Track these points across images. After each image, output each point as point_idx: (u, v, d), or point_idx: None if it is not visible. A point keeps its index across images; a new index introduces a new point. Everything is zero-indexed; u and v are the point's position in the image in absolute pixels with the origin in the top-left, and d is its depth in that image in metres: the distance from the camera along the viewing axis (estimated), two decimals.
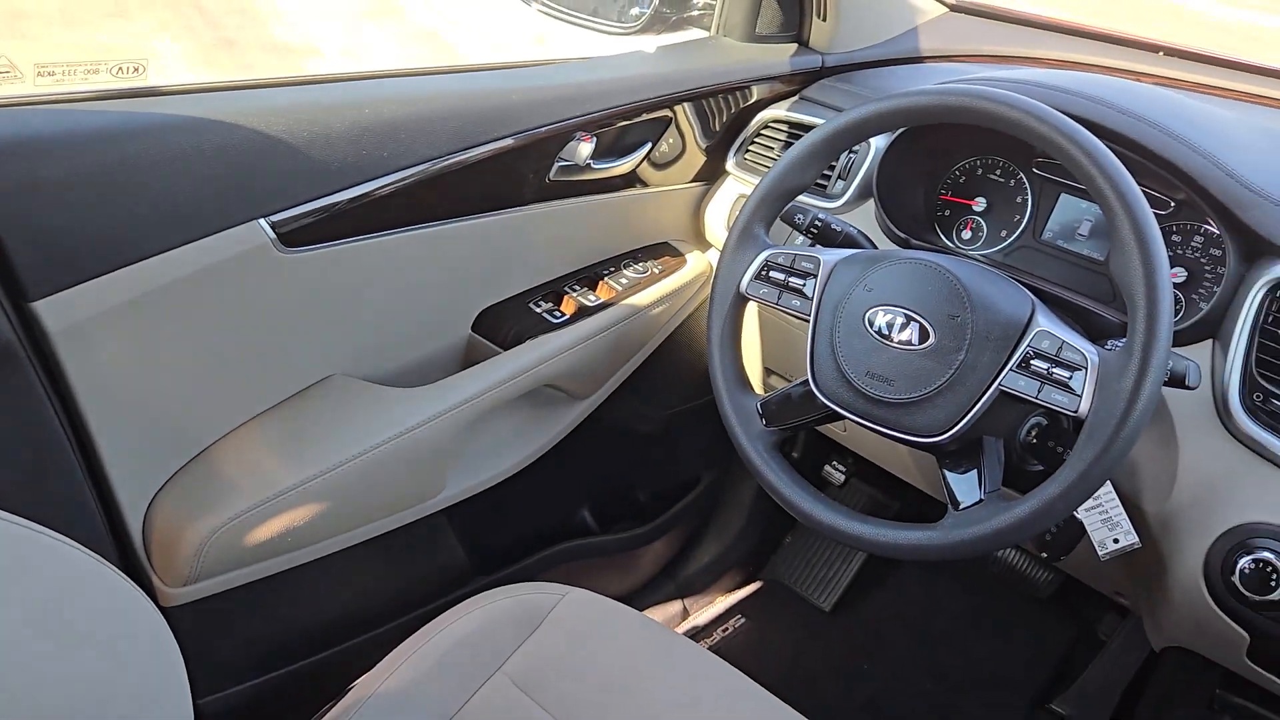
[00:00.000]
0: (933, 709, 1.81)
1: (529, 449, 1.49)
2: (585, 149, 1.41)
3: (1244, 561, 1.00)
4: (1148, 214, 0.91)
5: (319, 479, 1.19)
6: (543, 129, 1.32)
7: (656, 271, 1.54)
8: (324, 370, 1.28)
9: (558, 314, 1.45)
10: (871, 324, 1.04)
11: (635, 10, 1.57)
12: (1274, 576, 0.98)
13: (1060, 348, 0.96)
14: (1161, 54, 1.60)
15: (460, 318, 1.41)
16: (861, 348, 1.04)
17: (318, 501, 1.20)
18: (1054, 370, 0.96)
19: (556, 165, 1.39)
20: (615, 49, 1.51)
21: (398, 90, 1.23)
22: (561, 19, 1.58)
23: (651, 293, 1.51)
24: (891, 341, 1.02)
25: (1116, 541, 1.09)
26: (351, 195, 1.18)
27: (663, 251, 1.59)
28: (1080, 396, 0.93)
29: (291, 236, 1.15)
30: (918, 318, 1.02)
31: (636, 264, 1.55)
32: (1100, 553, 1.10)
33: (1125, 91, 1.22)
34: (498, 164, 1.30)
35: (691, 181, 1.58)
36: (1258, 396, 1.05)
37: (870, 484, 2.00)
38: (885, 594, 2.01)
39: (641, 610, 1.77)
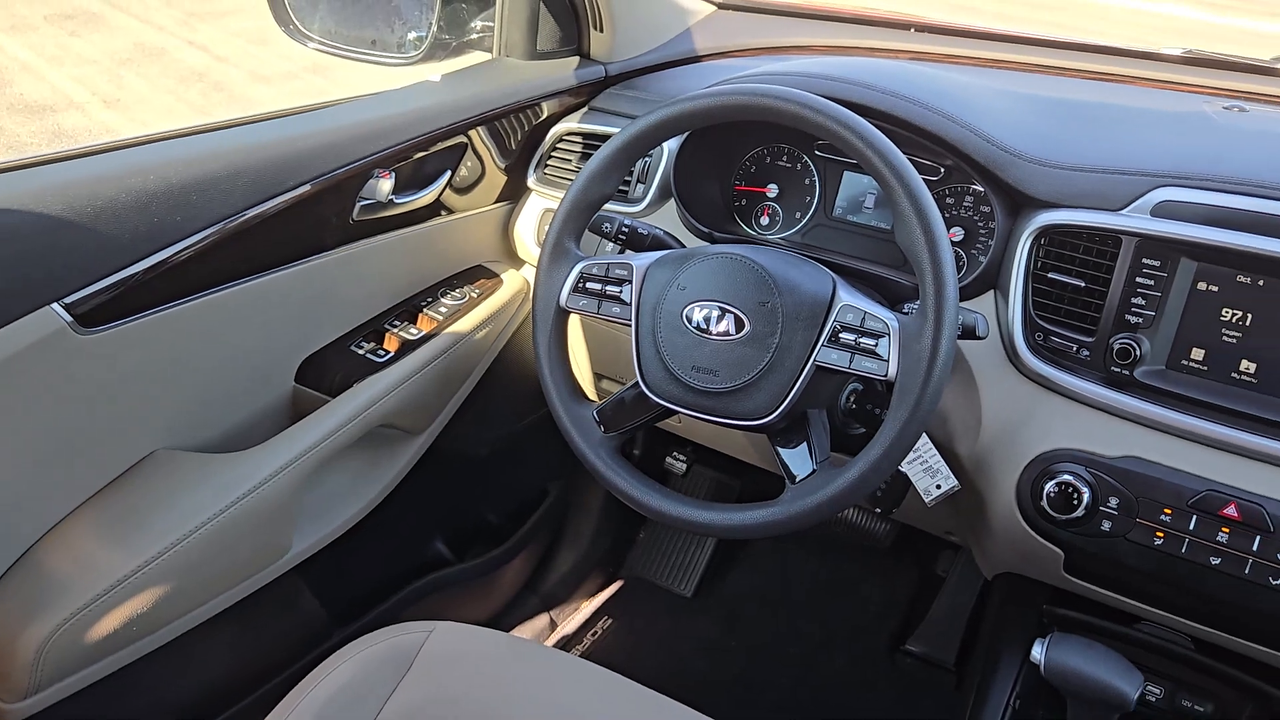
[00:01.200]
0: (799, 671, 1.89)
1: (372, 492, 1.47)
2: (385, 185, 1.40)
3: (1049, 486, 1.11)
4: (921, 186, 0.99)
5: (157, 561, 1.15)
6: (339, 171, 1.31)
7: (474, 296, 1.55)
8: (145, 447, 1.23)
9: (381, 352, 1.43)
10: (690, 320, 1.08)
11: (414, 37, 1.57)
12: (1075, 496, 1.09)
13: (864, 318, 1.03)
14: (913, 30, 1.73)
15: (281, 371, 1.37)
16: (684, 344, 1.08)
17: (159, 584, 1.15)
18: (861, 340, 1.03)
19: (359, 205, 1.38)
20: (400, 79, 1.51)
21: (184, 151, 1.19)
22: (339, 55, 1.56)
23: (473, 317, 1.51)
24: (711, 334, 1.07)
25: (939, 487, 1.18)
26: (147, 265, 1.14)
27: (478, 275, 1.60)
28: (887, 361, 1.01)
29: (90, 316, 1.10)
30: (732, 309, 1.07)
31: (453, 291, 1.55)
32: (926, 499, 1.18)
33: (886, 72, 1.32)
34: (298, 212, 1.28)
35: (496, 203, 1.60)
36: (1039, 336, 1.16)
37: (712, 469, 2.07)
38: (741, 570, 2.09)
39: (509, 630, 1.78)
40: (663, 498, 1.12)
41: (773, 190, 1.44)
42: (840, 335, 1.04)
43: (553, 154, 1.57)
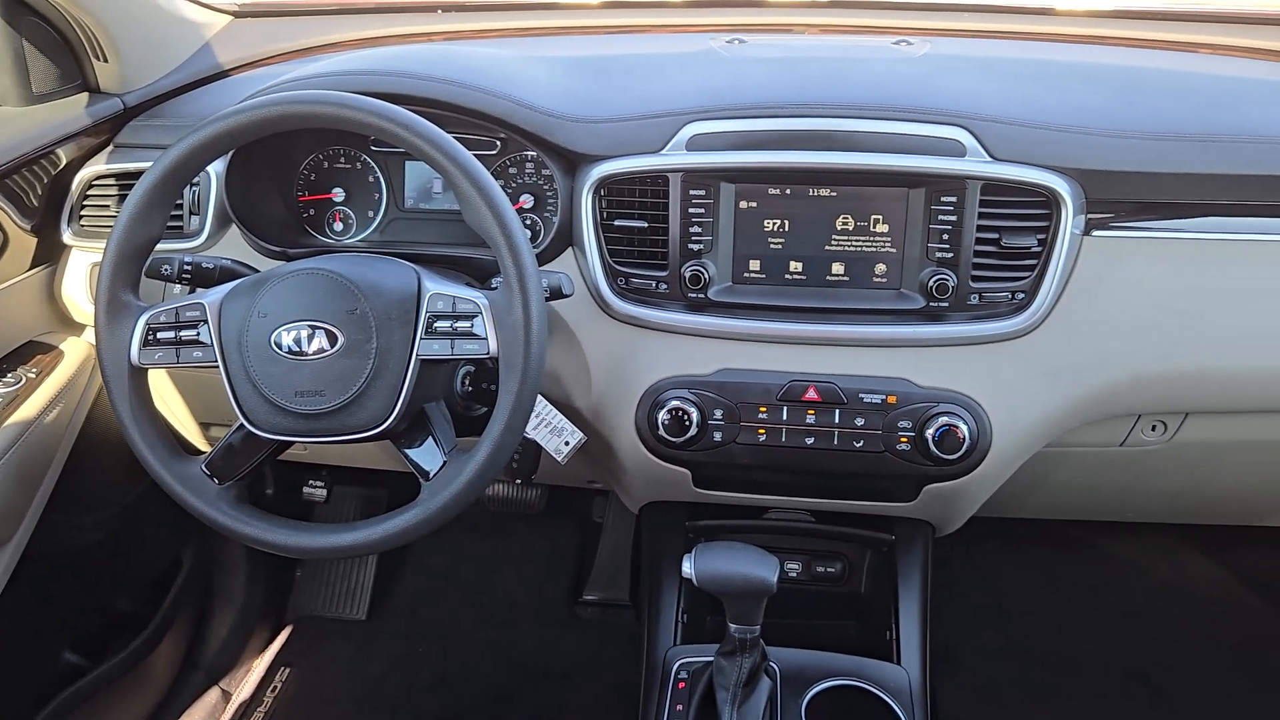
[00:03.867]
0: (493, 651, 1.91)
1: None
2: None
3: (661, 415, 1.19)
4: (474, 164, 1.01)
5: None
6: None
7: (32, 376, 1.37)
8: None
9: None
10: (280, 346, 1.03)
11: None
12: (686, 418, 1.18)
13: (454, 303, 1.04)
14: (440, 11, 1.75)
15: None
16: (280, 372, 1.04)
17: None
18: (457, 324, 1.04)
19: None
20: None
21: None
22: None
23: (35, 400, 1.34)
24: (306, 355, 1.03)
25: (567, 443, 1.23)
26: None
27: (31, 352, 1.42)
28: (486, 339, 1.03)
29: None
30: (321, 324, 1.03)
31: (6, 376, 1.36)
32: (558, 458, 1.23)
33: (419, 57, 1.32)
34: None
35: (32, 269, 1.42)
36: (621, 281, 1.23)
37: (355, 486, 2.01)
38: (410, 575, 2.06)
39: (179, 716, 1.63)
40: (301, 533, 1.07)
41: (339, 194, 1.40)
42: (435, 325, 1.04)
43: (85, 203, 1.42)
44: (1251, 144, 1.20)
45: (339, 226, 1.40)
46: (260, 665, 1.87)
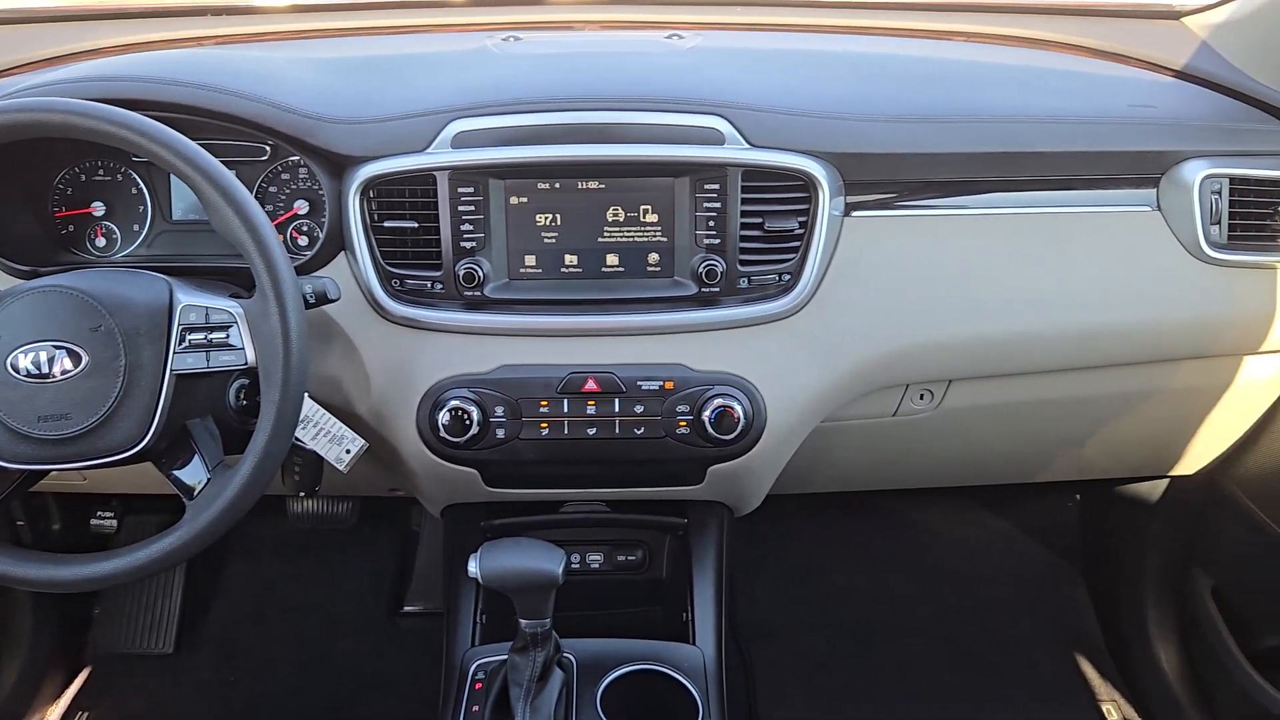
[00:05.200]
0: (309, 673, 1.85)
1: None
2: None
3: (442, 416, 1.18)
4: (217, 168, 0.98)
5: None
6: None
7: None
8: None
9: None
10: (18, 369, 0.98)
11: None
12: (466, 417, 1.17)
13: (207, 314, 1.01)
14: (209, 15, 1.68)
15: None
16: (20, 397, 0.98)
17: None
18: (212, 336, 1.00)
19: None
20: None
21: None
22: None
23: None
24: (49, 378, 0.98)
25: (349, 451, 1.21)
26: None
27: None
28: (243, 349, 1.00)
29: None
30: (63, 344, 0.98)
31: None
32: (340, 467, 1.20)
33: (174, 62, 1.27)
34: None
35: None
36: (395, 283, 1.21)
37: (150, 514, 1.91)
38: (220, 601, 1.98)
39: None
40: (53, 565, 1.01)
41: (99, 208, 1.33)
42: (189, 337, 1.00)
43: None
44: (988, 123, 1.28)
45: (101, 242, 1.33)
46: (55, 711, 1.76)
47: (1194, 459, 1.59)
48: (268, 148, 1.27)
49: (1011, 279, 1.28)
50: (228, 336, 1.00)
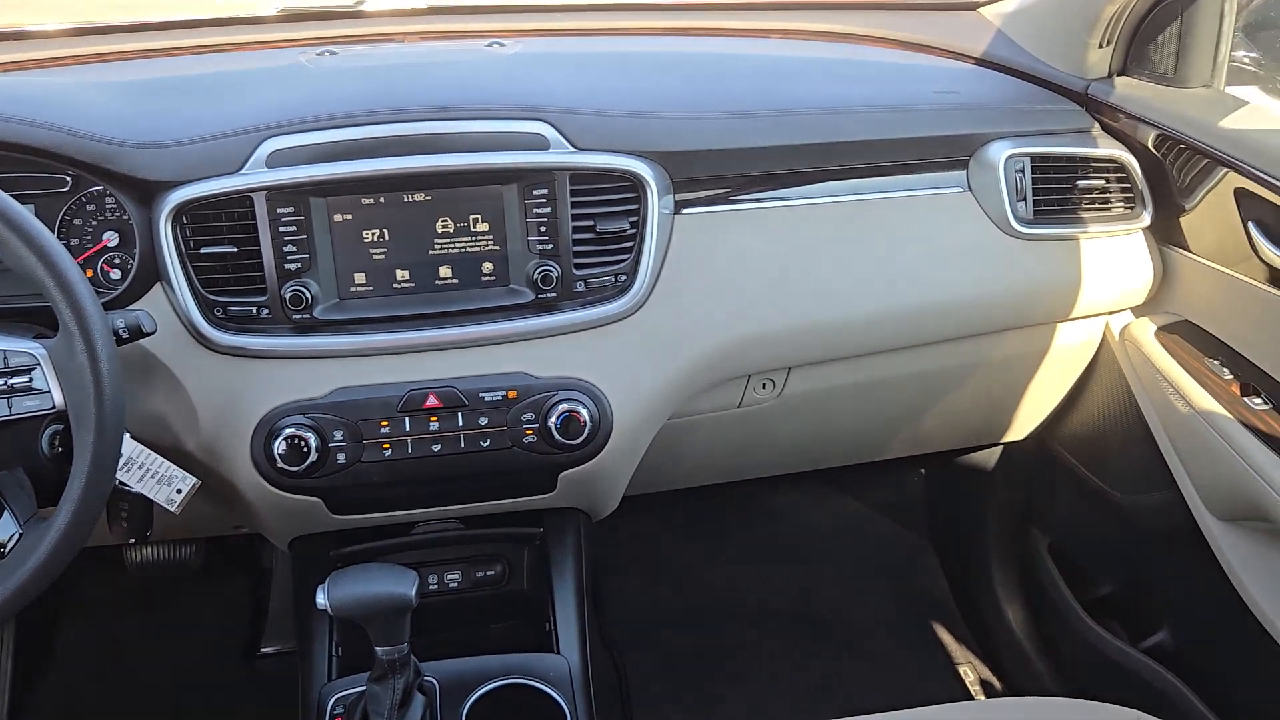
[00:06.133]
0: None
1: None
2: None
3: (277, 445, 1.13)
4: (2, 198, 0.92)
5: None
6: None
7: None
8: None
9: None
10: None
11: None
12: (303, 444, 1.13)
13: (5, 357, 0.94)
14: None
15: None
16: None
17: None
18: (12, 381, 0.94)
19: None
20: None
21: None
22: None
23: None
24: None
25: (180, 491, 1.14)
26: None
27: None
28: (49, 392, 0.93)
29: None
30: None
31: None
32: (171, 508, 1.14)
33: None
34: None
35: None
36: (218, 311, 1.16)
37: None
38: (61, 664, 1.85)
39: None
40: None
41: None
42: None
43: None
44: (806, 116, 1.32)
45: None
46: None
47: (1023, 425, 1.67)
48: (68, 178, 1.20)
49: (839, 265, 1.32)
50: (30, 380, 0.94)
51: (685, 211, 1.28)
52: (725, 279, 1.28)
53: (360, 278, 1.19)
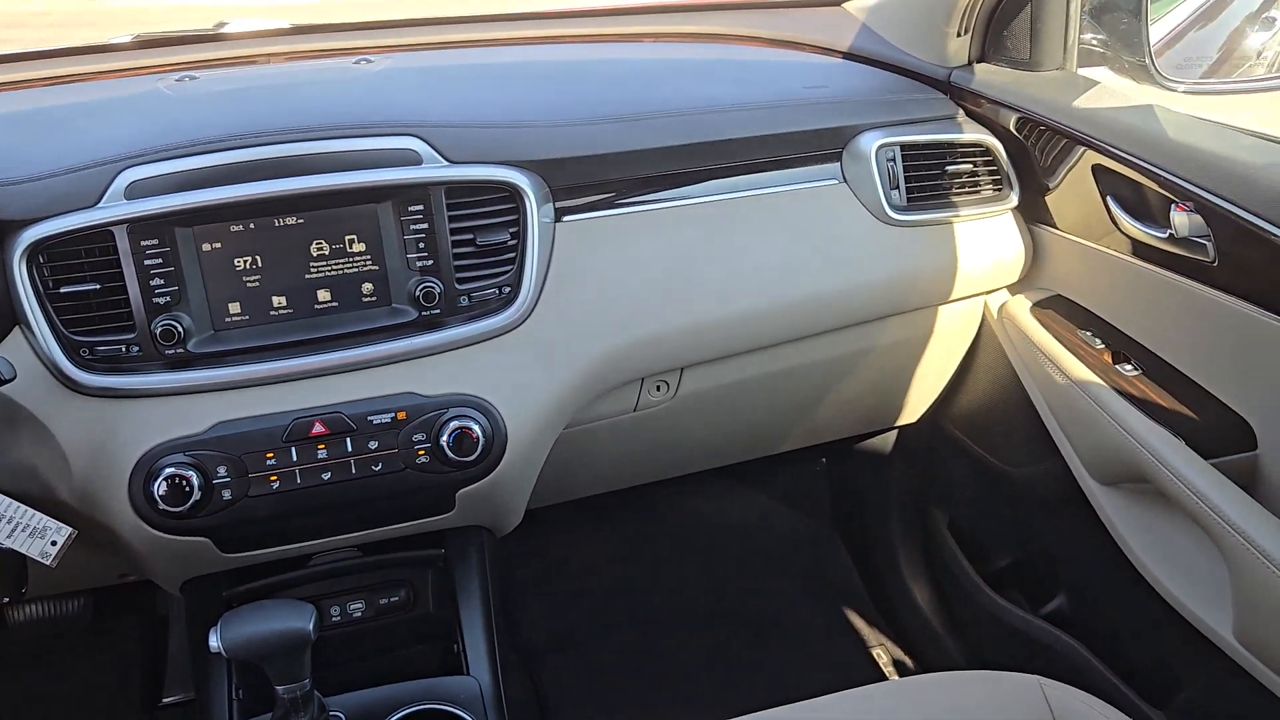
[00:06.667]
0: None
1: None
2: None
3: (158, 486, 1.09)
4: None
5: None
6: None
7: None
8: None
9: None
10: None
11: None
12: (185, 483, 1.09)
13: None
14: None
15: None
16: None
17: None
18: None
19: None
20: None
21: None
22: None
23: None
24: None
25: (54, 544, 1.09)
26: None
27: None
28: None
29: None
30: None
31: None
32: (47, 561, 1.09)
33: None
34: None
35: None
36: (85, 351, 1.11)
37: None
38: None
39: None
40: None
41: None
42: None
43: None
44: (679, 117, 1.33)
45: None
46: None
47: (914, 407, 1.71)
48: None
49: (722, 263, 1.33)
50: None
51: (566, 219, 1.28)
52: (611, 284, 1.28)
53: (235, 307, 1.15)
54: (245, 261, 1.14)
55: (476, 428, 1.17)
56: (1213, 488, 1.14)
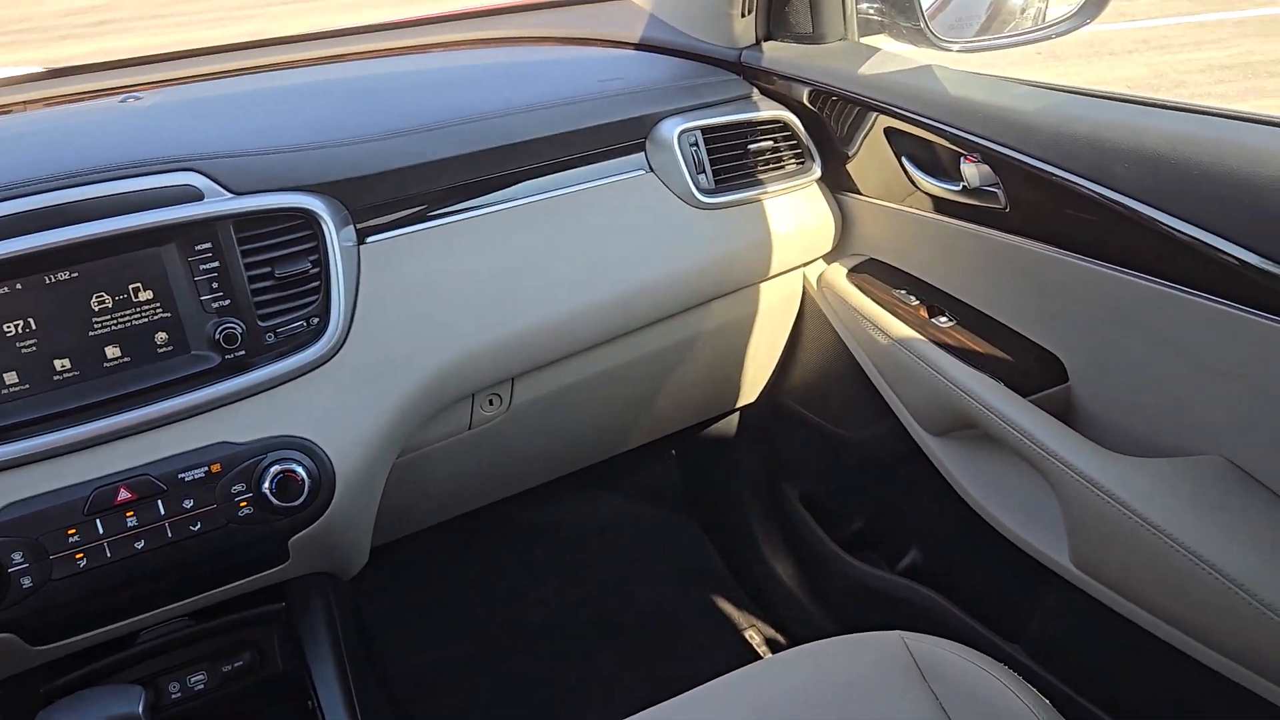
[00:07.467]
0: None
1: None
2: None
3: None
4: None
5: None
6: None
7: None
8: None
9: None
10: None
11: None
12: None
13: None
14: None
15: None
16: None
17: None
18: None
19: None
20: None
21: None
22: None
23: None
24: None
25: None
26: None
27: None
28: None
29: None
30: None
31: None
32: None
33: None
34: None
35: None
36: None
37: None
38: None
39: None
40: None
41: None
42: None
43: None
44: (476, 123, 1.29)
45: None
46: None
47: (751, 387, 1.73)
48: None
49: (540, 267, 1.31)
50: None
51: (371, 240, 1.22)
52: (427, 301, 1.23)
53: (11, 378, 1.05)
54: (16, 326, 1.04)
55: (300, 469, 1.11)
56: (1033, 423, 1.18)
